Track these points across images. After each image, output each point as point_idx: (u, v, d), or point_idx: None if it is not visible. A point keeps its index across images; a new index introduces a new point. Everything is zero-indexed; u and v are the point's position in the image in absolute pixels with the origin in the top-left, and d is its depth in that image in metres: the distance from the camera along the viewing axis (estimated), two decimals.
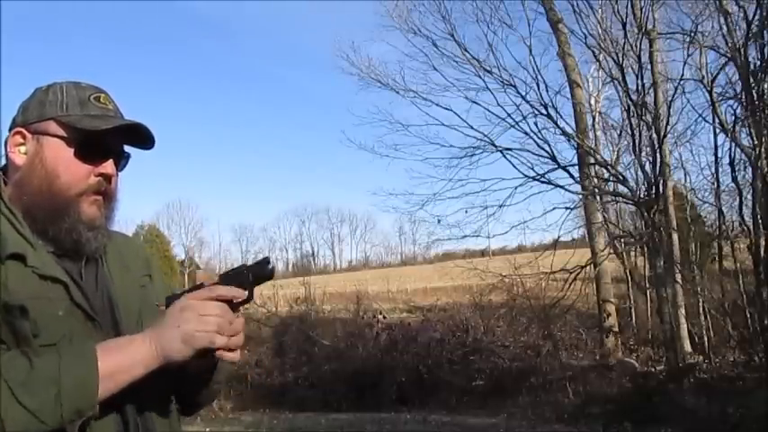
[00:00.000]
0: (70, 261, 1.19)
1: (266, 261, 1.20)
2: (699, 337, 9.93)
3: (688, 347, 9.70)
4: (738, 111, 8.86)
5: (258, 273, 1.18)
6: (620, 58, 9.85)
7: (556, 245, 11.03)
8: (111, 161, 1.24)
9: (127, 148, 1.29)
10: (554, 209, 11.06)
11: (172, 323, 1.12)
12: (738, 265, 9.53)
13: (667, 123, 9.79)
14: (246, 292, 1.17)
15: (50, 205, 1.18)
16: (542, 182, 10.75)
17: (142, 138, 1.28)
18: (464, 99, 11.09)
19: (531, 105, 10.52)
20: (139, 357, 1.10)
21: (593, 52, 10.76)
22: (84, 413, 1.01)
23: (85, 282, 1.20)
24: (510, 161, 10.82)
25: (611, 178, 11.15)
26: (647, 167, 10.13)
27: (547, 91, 10.47)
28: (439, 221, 11.58)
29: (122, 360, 1.08)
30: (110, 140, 1.24)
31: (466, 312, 12.29)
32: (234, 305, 1.16)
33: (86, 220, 1.20)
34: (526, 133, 10.65)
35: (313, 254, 59.51)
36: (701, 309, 9.97)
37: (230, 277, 1.19)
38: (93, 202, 1.22)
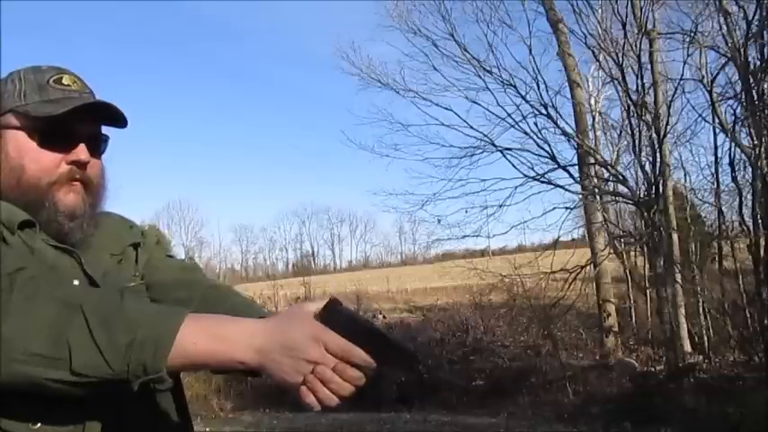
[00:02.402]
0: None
1: (414, 362, 1.02)
2: (699, 337, 9.93)
3: (688, 347, 9.70)
4: (738, 111, 8.88)
5: (400, 366, 1.03)
6: (620, 58, 9.84)
7: (556, 245, 11.02)
8: (82, 146, 1.14)
9: (106, 130, 1.21)
10: (554, 209, 11.07)
11: (292, 349, 0.93)
12: (738, 265, 9.54)
13: (667, 123, 9.79)
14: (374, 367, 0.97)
15: (24, 200, 1.11)
16: (542, 182, 10.75)
17: (112, 117, 1.18)
18: (464, 99, 11.09)
19: (531, 105, 10.52)
20: (233, 357, 0.94)
21: (593, 52, 10.75)
22: (149, 372, 0.90)
23: None
24: (510, 161, 10.83)
25: (610, 178, 11.15)
26: (647, 167, 10.13)
27: (547, 91, 10.48)
28: (439, 221, 11.58)
29: (210, 347, 0.93)
30: (76, 124, 1.14)
31: (466, 312, 12.31)
32: None
33: (64, 209, 1.13)
34: (526, 133, 10.66)
35: (313, 254, 59.47)
36: (701, 309, 9.97)
37: (373, 340, 0.96)
38: (70, 190, 1.14)
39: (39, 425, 0.97)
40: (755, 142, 8.27)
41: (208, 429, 8.98)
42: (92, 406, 1.01)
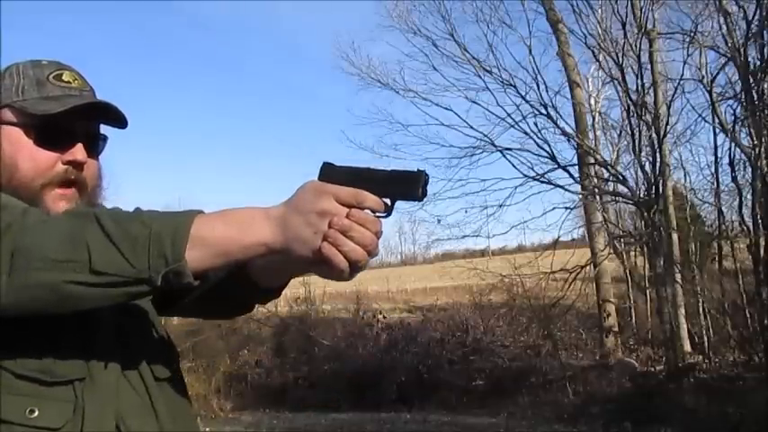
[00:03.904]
0: None
1: (422, 181, 0.96)
2: (699, 337, 9.93)
3: (688, 347, 9.69)
4: (738, 111, 8.88)
5: (408, 192, 0.96)
6: (620, 58, 9.84)
7: (556, 245, 11.02)
8: (79, 146, 1.11)
9: (105, 129, 1.19)
10: (554, 209, 11.08)
11: (302, 208, 0.93)
12: (738, 265, 9.53)
13: (667, 123, 9.79)
14: (388, 207, 0.97)
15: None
16: (542, 182, 10.75)
17: (112, 117, 1.16)
18: (464, 99, 11.11)
19: (530, 105, 10.53)
20: (253, 238, 0.94)
21: (593, 52, 10.76)
22: (169, 262, 0.89)
23: None
24: (510, 161, 10.83)
25: (610, 178, 11.15)
26: (647, 167, 10.13)
27: (547, 91, 10.49)
28: (439, 221, 11.58)
29: (229, 232, 0.93)
30: (75, 123, 1.11)
31: (466, 312, 12.30)
32: None
33: None
34: (526, 133, 10.66)
35: None
36: (700, 309, 9.96)
37: (374, 178, 0.97)
38: (61, 198, 1.10)
39: (36, 413, 0.97)
40: (755, 142, 8.27)
41: (208, 429, 8.97)
42: (89, 397, 1.01)
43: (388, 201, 0.97)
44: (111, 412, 1.03)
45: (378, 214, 0.96)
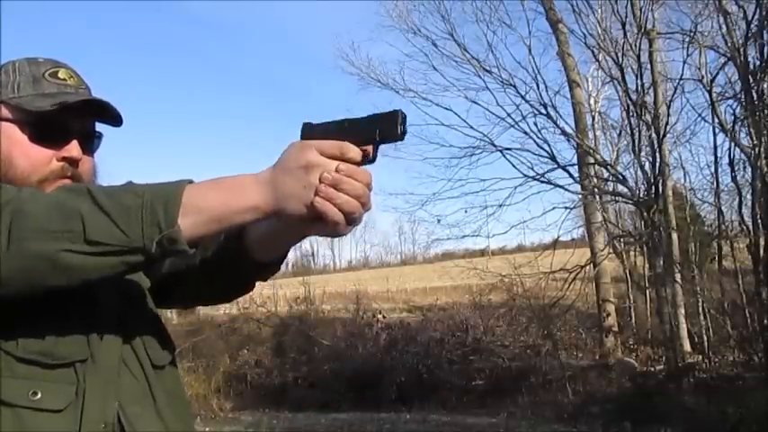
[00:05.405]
0: None
1: (398, 118, 0.97)
2: (698, 336, 9.92)
3: (688, 347, 9.69)
4: (738, 110, 8.87)
5: (387, 133, 0.98)
6: (620, 58, 9.85)
7: (555, 245, 11.02)
8: (75, 143, 1.12)
9: (100, 127, 1.20)
10: (553, 208, 11.08)
11: (288, 166, 0.96)
12: (738, 264, 9.52)
13: (667, 123, 9.79)
14: (370, 153, 0.98)
15: None
16: (542, 182, 10.75)
17: (107, 114, 1.17)
18: (464, 99, 11.12)
19: (530, 105, 10.53)
20: (245, 202, 0.95)
21: (593, 52, 10.76)
22: (162, 228, 0.90)
23: None
24: (510, 161, 10.84)
25: (610, 178, 11.15)
26: (647, 167, 10.13)
27: (546, 91, 10.49)
28: (439, 221, 11.61)
29: (221, 198, 0.95)
30: (70, 120, 1.12)
31: (465, 312, 12.29)
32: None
33: None
34: (526, 133, 10.67)
35: (312, 253, 59.37)
36: (700, 309, 9.96)
37: (353, 128, 0.99)
38: None
39: (39, 395, 0.98)
40: (755, 142, 8.27)
41: (208, 429, 8.98)
42: (90, 379, 1.02)
43: (370, 147, 0.99)
44: (113, 395, 1.04)
45: (365, 164, 0.98)
